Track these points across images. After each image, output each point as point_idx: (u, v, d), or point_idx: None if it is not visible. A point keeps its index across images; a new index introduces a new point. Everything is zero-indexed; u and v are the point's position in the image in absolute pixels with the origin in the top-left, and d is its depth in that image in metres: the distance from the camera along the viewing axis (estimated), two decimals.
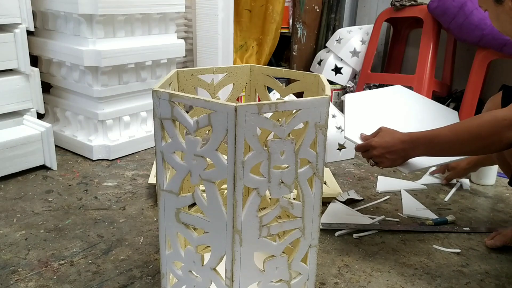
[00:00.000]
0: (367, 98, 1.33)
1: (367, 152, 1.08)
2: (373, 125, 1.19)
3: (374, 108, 1.31)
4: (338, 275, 1.04)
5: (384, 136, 1.04)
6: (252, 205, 0.73)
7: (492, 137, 0.93)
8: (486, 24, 1.83)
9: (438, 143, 0.98)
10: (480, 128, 0.94)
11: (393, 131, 1.06)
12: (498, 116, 0.92)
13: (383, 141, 1.04)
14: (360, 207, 1.37)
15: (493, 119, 0.92)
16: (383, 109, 1.32)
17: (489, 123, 0.93)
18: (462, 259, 1.13)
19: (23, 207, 1.31)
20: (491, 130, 0.92)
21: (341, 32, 2.42)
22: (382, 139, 1.04)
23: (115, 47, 1.60)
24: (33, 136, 1.51)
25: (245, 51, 2.42)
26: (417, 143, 1.00)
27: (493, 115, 0.93)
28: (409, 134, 1.03)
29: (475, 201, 1.46)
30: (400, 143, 1.02)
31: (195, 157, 0.73)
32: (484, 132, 0.93)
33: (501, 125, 0.91)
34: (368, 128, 1.21)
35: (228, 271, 0.76)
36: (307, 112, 0.73)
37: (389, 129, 1.08)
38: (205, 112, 0.82)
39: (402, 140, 1.02)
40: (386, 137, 1.04)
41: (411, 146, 1.01)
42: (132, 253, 1.10)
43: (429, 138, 0.98)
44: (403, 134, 1.04)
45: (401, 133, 1.05)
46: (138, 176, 1.55)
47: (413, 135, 1.02)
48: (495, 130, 0.92)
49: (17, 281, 0.98)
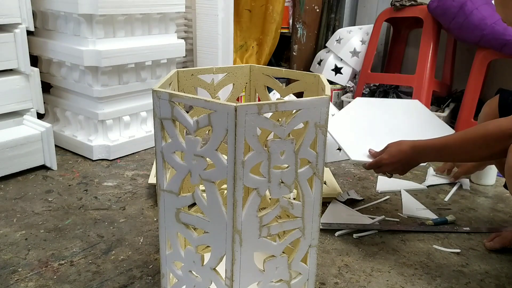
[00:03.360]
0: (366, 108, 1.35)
1: (379, 168, 1.13)
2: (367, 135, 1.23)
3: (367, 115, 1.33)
4: (338, 275, 1.04)
5: (391, 152, 1.10)
6: (252, 205, 0.73)
7: (497, 146, 0.96)
8: (486, 24, 1.82)
9: (446, 153, 1.04)
10: (486, 138, 0.97)
11: (399, 143, 1.11)
12: (503, 126, 0.95)
13: (391, 156, 1.09)
14: (360, 207, 1.37)
15: (498, 130, 0.96)
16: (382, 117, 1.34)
17: (494, 134, 0.96)
18: (462, 259, 1.13)
19: (23, 207, 1.31)
20: (497, 140, 0.96)
21: (341, 32, 2.42)
22: (389, 154, 1.10)
23: (115, 47, 1.60)
24: (33, 136, 1.51)
25: (245, 51, 2.42)
26: (425, 151, 1.05)
27: (497, 125, 0.96)
28: (416, 143, 1.07)
29: (475, 201, 1.46)
30: (409, 152, 1.07)
31: (195, 157, 0.73)
32: (490, 142, 0.97)
33: (506, 135, 0.94)
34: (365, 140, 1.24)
35: (228, 271, 0.76)
36: (307, 112, 0.73)
37: (394, 143, 1.12)
38: (205, 112, 0.82)
39: (410, 148, 1.07)
40: (393, 151, 1.09)
41: (420, 154, 1.06)
42: (132, 253, 1.10)
43: (438, 148, 1.04)
44: (409, 144, 1.08)
45: (408, 143, 1.09)
46: (138, 176, 1.55)
47: (421, 144, 1.06)
48: (500, 140, 0.95)
49: (17, 281, 0.98)
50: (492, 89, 2.11)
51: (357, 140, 1.23)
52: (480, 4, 1.85)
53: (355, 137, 1.24)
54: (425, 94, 2.04)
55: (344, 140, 1.22)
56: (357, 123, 1.30)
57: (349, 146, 1.21)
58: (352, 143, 1.22)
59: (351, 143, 1.22)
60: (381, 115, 1.35)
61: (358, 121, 1.31)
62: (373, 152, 1.19)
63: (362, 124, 1.30)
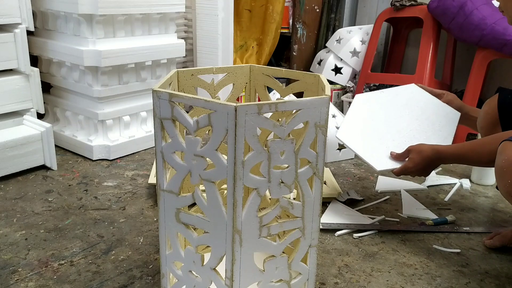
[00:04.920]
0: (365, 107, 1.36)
1: (406, 174, 1.22)
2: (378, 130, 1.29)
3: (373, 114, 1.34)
4: (338, 275, 1.04)
5: (415, 160, 1.19)
6: (252, 205, 0.73)
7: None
8: (486, 24, 1.82)
9: (464, 161, 1.16)
10: None
11: (419, 150, 1.19)
12: None
13: (416, 164, 1.18)
14: (360, 207, 1.37)
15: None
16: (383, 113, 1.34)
17: None
18: (462, 259, 1.13)
19: (23, 207, 1.31)
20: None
21: (341, 32, 2.42)
22: (414, 163, 1.19)
23: (115, 47, 1.60)
24: (33, 136, 1.51)
25: (245, 51, 2.42)
26: (446, 158, 1.16)
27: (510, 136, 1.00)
28: (437, 150, 1.17)
29: (475, 201, 1.46)
30: (432, 157, 1.17)
31: (195, 157, 0.73)
32: None
33: None
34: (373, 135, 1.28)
35: (228, 271, 0.76)
36: (307, 112, 0.73)
37: (415, 148, 1.20)
38: (205, 112, 0.82)
39: (432, 154, 1.17)
40: (417, 159, 1.18)
41: (441, 160, 1.17)
42: (132, 253, 1.10)
43: (457, 158, 1.15)
44: (430, 151, 1.17)
45: (428, 149, 1.17)
46: (138, 176, 1.55)
47: (441, 152, 1.16)
48: None
49: (17, 281, 0.98)
50: (492, 89, 2.11)
51: (375, 148, 1.26)
52: (480, 4, 1.85)
53: (371, 145, 1.27)
54: None
55: (364, 151, 1.24)
56: (366, 127, 1.31)
57: (371, 157, 1.23)
58: (372, 153, 1.24)
59: (371, 153, 1.25)
60: (385, 112, 1.36)
61: (366, 124, 1.31)
62: (395, 154, 1.25)
63: (371, 127, 1.31)
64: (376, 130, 1.31)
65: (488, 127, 1.27)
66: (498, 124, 1.23)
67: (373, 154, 1.24)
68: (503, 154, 0.94)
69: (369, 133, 1.30)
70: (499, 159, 0.96)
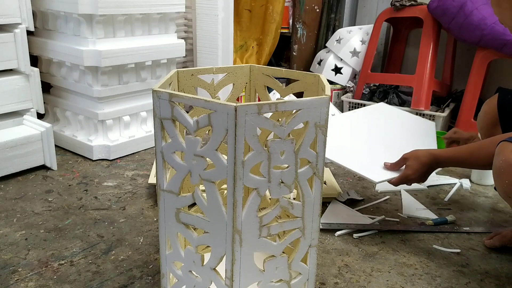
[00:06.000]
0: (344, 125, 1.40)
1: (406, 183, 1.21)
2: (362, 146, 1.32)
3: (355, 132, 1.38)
4: (338, 275, 1.04)
5: (413, 167, 1.17)
6: (252, 205, 0.73)
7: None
8: (486, 24, 1.82)
9: (462, 165, 1.16)
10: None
11: (416, 156, 1.18)
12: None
13: (415, 170, 1.17)
14: (360, 207, 1.38)
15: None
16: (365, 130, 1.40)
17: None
18: (462, 259, 1.13)
19: (23, 207, 1.31)
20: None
21: (341, 32, 2.42)
22: (413, 169, 1.17)
23: (115, 47, 1.60)
24: (33, 136, 1.51)
25: (245, 51, 2.42)
26: (443, 162, 1.16)
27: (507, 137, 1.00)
28: (434, 155, 1.16)
29: (475, 201, 1.46)
30: (430, 162, 1.16)
31: (195, 157, 0.73)
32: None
33: None
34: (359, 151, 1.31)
35: (228, 271, 0.76)
36: (307, 112, 0.73)
37: (412, 155, 1.18)
38: (205, 112, 0.82)
39: (429, 159, 1.16)
40: (415, 165, 1.17)
41: (438, 164, 1.17)
42: (132, 253, 1.10)
43: (454, 161, 1.15)
44: (428, 156, 1.16)
45: (424, 154, 1.16)
46: (138, 176, 1.55)
47: (438, 156, 1.15)
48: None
49: (17, 281, 0.98)
50: (492, 89, 2.11)
51: (368, 162, 1.26)
52: (480, 4, 1.85)
53: (363, 159, 1.27)
54: (425, 94, 2.04)
55: (359, 167, 1.24)
56: (352, 145, 1.33)
57: (367, 170, 1.23)
58: (367, 167, 1.24)
59: (366, 167, 1.24)
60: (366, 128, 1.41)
61: (352, 142, 1.34)
62: (388, 165, 1.24)
63: (357, 143, 1.33)
64: (363, 146, 1.33)
65: (488, 127, 1.27)
66: (497, 124, 1.23)
67: (368, 168, 1.23)
68: (501, 154, 0.94)
69: (357, 149, 1.31)
70: (496, 160, 0.96)
